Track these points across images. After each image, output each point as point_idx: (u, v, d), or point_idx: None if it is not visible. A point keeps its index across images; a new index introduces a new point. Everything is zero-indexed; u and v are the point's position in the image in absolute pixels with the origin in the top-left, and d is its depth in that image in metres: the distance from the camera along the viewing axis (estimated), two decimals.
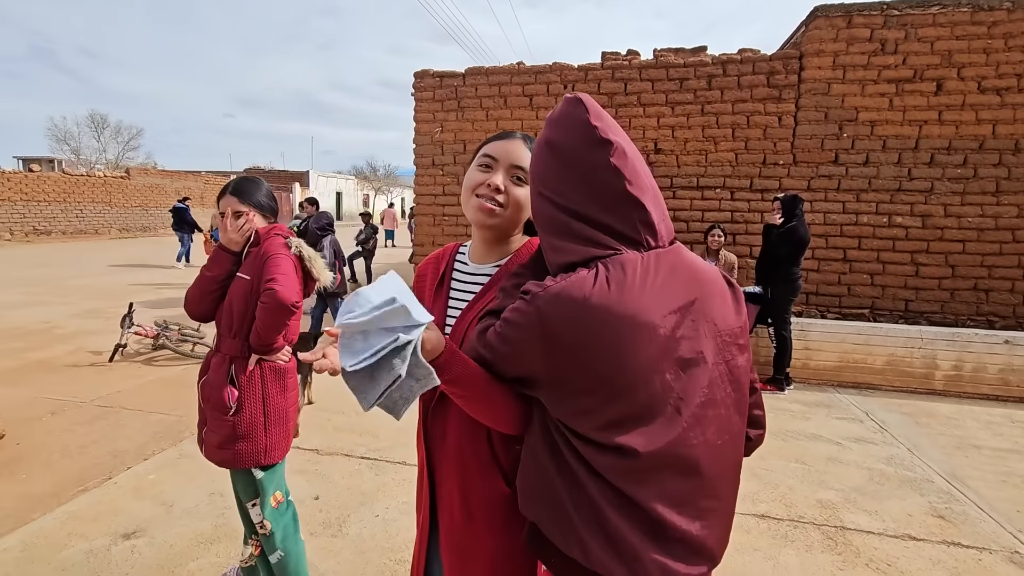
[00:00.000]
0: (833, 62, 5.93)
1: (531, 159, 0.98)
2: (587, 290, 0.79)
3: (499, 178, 1.03)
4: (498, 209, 1.03)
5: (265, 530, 1.87)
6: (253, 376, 1.85)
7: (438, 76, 7.20)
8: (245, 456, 1.81)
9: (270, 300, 1.75)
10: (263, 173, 34.76)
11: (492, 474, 1.02)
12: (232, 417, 1.81)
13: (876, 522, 2.73)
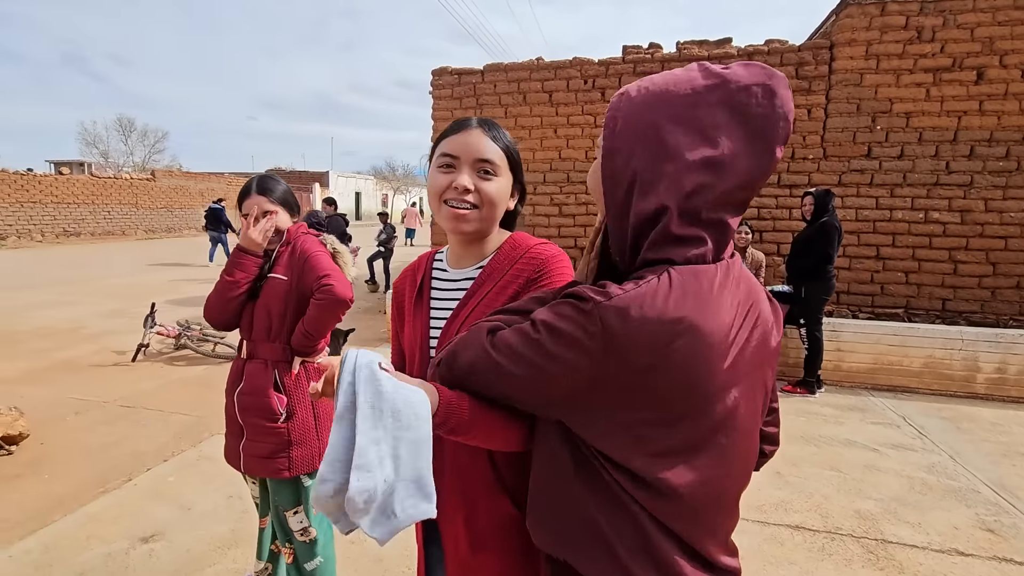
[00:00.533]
0: (866, 52, 5.70)
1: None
2: (663, 302, 0.64)
3: (465, 178, 0.95)
4: (472, 212, 0.96)
5: (309, 536, 1.80)
6: (299, 379, 1.78)
7: (456, 73, 7.14)
8: (300, 463, 1.74)
9: (327, 296, 1.70)
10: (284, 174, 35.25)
11: (498, 497, 0.93)
12: (284, 424, 1.73)
13: (920, 535, 2.57)
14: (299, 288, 1.76)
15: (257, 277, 1.78)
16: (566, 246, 6.96)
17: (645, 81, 0.72)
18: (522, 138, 6.96)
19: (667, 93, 0.70)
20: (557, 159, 6.87)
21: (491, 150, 0.98)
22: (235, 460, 1.81)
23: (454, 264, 1.07)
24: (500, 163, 1.00)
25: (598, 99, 6.58)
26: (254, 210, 1.75)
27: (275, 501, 1.81)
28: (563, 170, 6.87)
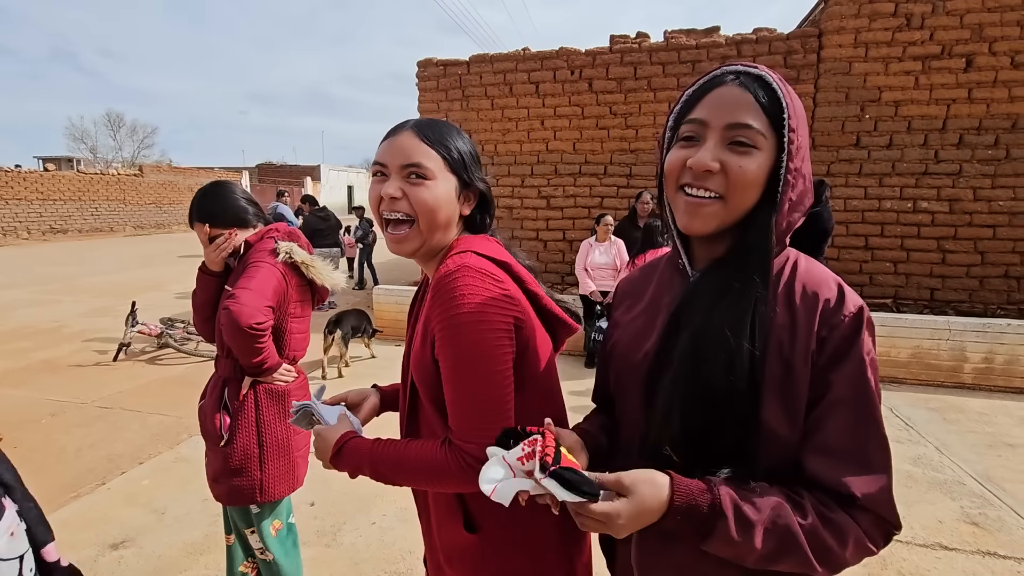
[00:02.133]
0: (855, 39, 5.65)
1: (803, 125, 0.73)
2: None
3: (391, 186, 0.87)
4: (409, 230, 0.89)
5: (267, 557, 1.73)
6: (246, 401, 1.62)
7: (442, 65, 7.03)
8: (239, 494, 1.61)
9: (224, 320, 1.48)
10: (275, 168, 34.95)
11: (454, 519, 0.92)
12: (223, 448, 1.60)
13: (904, 530, 2.53)
14: None
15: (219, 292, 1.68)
16: (554, 238, 6.91)
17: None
18: (509, 130, 6.87)
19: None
20: (544, 151, 6.80)
21: (420, 152, 0.87)
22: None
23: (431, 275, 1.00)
24: (433, 165, 0.88)
25: (585, 90, 6.50)
26: (203, 238, 1.64)
27: (232, 518, 1.76)
28: (551, 162, 6.80)
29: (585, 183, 6.69)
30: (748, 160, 0.69)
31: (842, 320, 0.68)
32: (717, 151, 0.70)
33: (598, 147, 6.58)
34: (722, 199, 0.71)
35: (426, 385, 0.89)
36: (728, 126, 0.70)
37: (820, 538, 0.65)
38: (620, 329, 0.89)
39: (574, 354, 5.51)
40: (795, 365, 0.68)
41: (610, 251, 5.16)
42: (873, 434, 0.68)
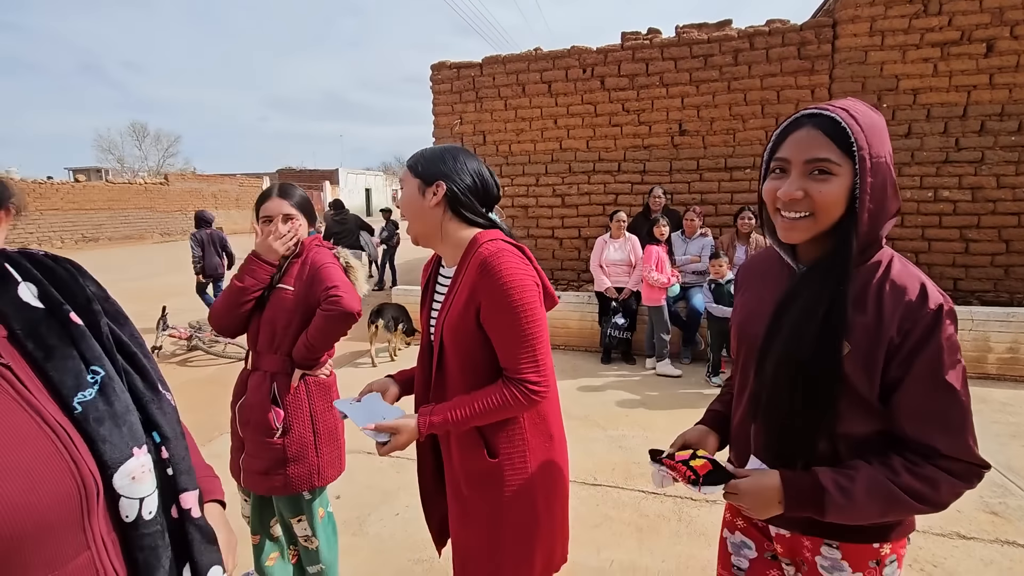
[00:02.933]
0: (870, 28, 5.58)
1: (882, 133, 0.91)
2: None
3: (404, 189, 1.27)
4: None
5: (312, 545, 1.82)
6: (299, 393, 1.73)
7: (455, 67, 7.13)
8: (297, 480, 1.71)
9: (335, 308, 1.65)
10: (295, 173, 35.54)
11: (478, 448, 1.21)
12: (280, 440, 1.69)
13: (921, 519, 2.54)
14: (306, 300, 1.71)
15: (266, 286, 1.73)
16: (570, 236, 6.96)
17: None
18: (522, 130, 6.94)
19: None
20: (558, 149, 6.85)
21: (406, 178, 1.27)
22: (236, 473, 1.80)
23: (446, 263, 1.31)
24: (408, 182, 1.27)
25: (597, 87, 6.53)
26: (277, 214, 1.70)
27: (278, 506, 1.82)
28: (564, 160, 6.85)
29: (599, 180, 6.73)
30: (826, 185, 0.88)
31: (923, 315, 0.86)
32: (800, 182, 0.90)
33: (611, 144, 6.61)
34: (812, 215, 0.90)
35: (460, 343, 1.18)
36: (807, 161, 0.89)
37: (914, 488, 0.86)
38: (738, 311, 1.13)
39: (591, 351, 5.57)
40: (875, 347, 0.88)
41: (624, 247, 5.20)
42: (951, 402, 0.87)
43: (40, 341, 0.69)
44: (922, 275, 0.91)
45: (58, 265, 0.79)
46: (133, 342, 0.79)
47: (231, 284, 1.72)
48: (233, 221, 26.61)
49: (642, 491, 2.89)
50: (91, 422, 0.66)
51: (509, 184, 7.05)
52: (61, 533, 0.61)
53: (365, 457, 3.30)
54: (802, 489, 0.90)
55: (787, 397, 0.93)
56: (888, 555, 0.98)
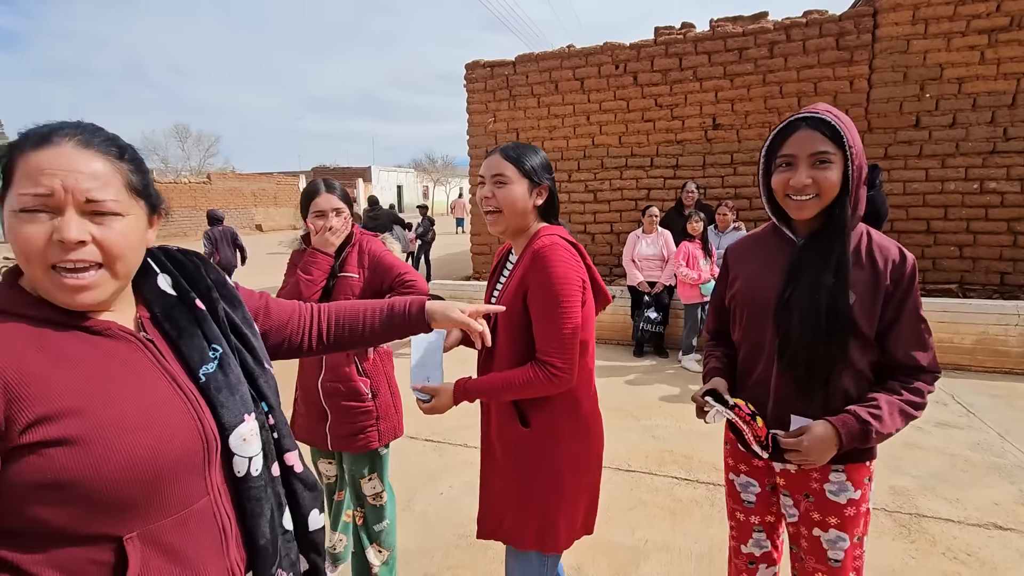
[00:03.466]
0: (913, 16, 5.46)
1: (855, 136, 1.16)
2: None
3: (486, 189, 1.35)
4: (494, 215, 1.36)
5: (382, 500, 2.02)
6: (376, 363, 1.97)
7: (488, 66, 7.26)
8: (386, 434, 1.95)
9: (415, 291, 1.86)
10: (328, 171, 36.37)
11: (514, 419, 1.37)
12: (372, 402, 1.92)
13: (956, 510, 2.58)
14: (371, 284, 1.90)
15: (328, 276, 1.88)
16: (602, 231, 7.03)
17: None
18: (555, 127, 7.03)
19: None
20: (591, 146, 6.92)
21: (505, 165, 1.36)
22: (316, 439, 1.98)
23: (515, 251, 1.47)
24: (510, 173, 1.36)
25: (630, 83, 6.57)
26: (330, 209, 1.84)
27: (351, 471, 2.01)
28: (596, 156, 6.91)
29: (631, 176, 6.77)
30: (828, 172, 1.15)
31: (906, 270, 1.17)
32: (807, 172, 1.15)
33: (644, 139, 6.64)
34: (818, 196, 1.16)
35: (510, 322, 1.33)
36: (811, 155, 1.15)
37: (913, 400, 1.18)
38: (742, 281, 1.34)
39: (623, 344, 5.64)
40: (875, 297, 1.17)
41: (657, 242, 5.25)
42: (925, 330, 1.20)
43: (174, 323, 0.85)
44: (895, 241, 1.22)
45: (187, 258, 0.96)
46: (244, 324, 0.95)
47: (297, 278, 1.84)
48: (272, 219, 27.45)
49: (675, 477, 2.98)
50: (212, 390, 0.82)
51: None
52: (189, 479, 0.77)
53: (408, 440, 3.48)
54: (852, 428, 1.14)
55: (812, 340, 1.17)
56: (872, 472, 1.27)
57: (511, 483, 1.40)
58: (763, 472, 1.37)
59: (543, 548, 1.38)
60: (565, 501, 1.38)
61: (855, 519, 1.25)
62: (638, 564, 2.27)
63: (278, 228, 26.96)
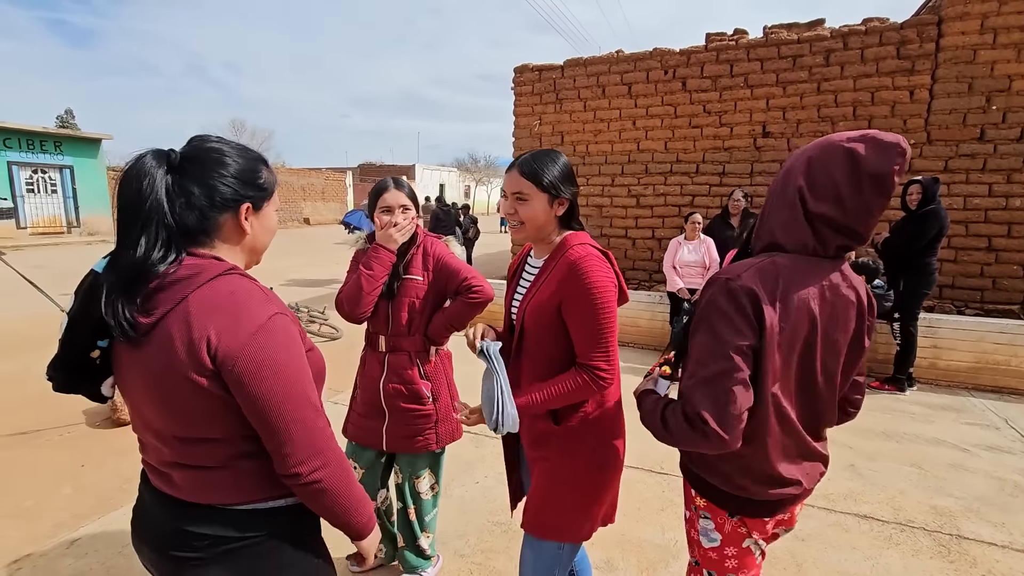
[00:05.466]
0: (981, 25, 5.25)
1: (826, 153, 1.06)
2: None
3: (507, 204, 1.42)
4: (517, 227, 1.42)
5: (432, 493, 2.11)
6: (437, 365, 1.99)
7: (537, 70, 7.37)
8: (444, 437, 1.99)
9: (481, 296, 1.91)
10: (374, 168, 37.29)
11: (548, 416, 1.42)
12: (432, 405, 1.95)
13: (1001, 534, 2.51)
14: (436, 287, 1.92)
15: (391, 277, 1.88)
16: (643, 236, 7.03)
17: None
18: (600, 131, 7.07)
19: None
20: (635, 151, 6.93)
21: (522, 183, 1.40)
22: (372, 439, 2.00)
23: (536, 255, 1.51)
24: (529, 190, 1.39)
25: (678, 89, 6.55)
26: (397, 206, 1.85)
27: (408, 472, 2.07)
28: (641, 161, 6.91)
29: (676, 182, 6.74)
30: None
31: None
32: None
33: (690, 146, 6.60)
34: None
35: (541, 327, 1.38)
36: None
37: (653, 411, 1.20)
38: None
39: (659, 350, 5.64)
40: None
41: (699, 249, 5.23)
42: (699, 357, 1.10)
43: None
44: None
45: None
46: None
47: (360, 273, 1.83)
48: (319, 213, 28.37)
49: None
50: None
51: (584, 184, 7.21)
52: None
53: None
54: (643, 390, 1.28)
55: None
56: (703, 507, 1.26)
57: (541, 481, 1.45)
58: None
59: (562, 538, 1.44)
60: (588, 496, 1.43)
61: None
62: (667, 562, 2.32)
63: (324, 222, 27.83)
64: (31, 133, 15.74)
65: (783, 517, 1.24)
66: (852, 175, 1.01)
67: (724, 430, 1.01)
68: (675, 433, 1.09)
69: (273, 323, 0.92)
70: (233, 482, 0.95)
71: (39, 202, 16.20)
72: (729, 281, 1.05)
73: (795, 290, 1.05)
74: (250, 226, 1.01)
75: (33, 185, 16.07)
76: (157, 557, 0.98)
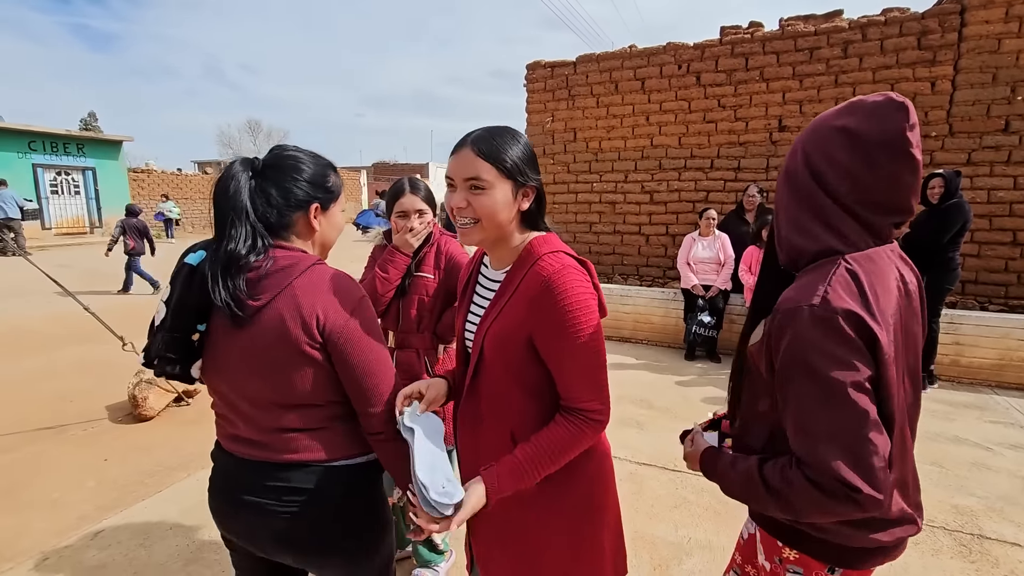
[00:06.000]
0: (1006, 14, 5.12)
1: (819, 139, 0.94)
2: None
3: (457, 197, 1.03)
4: (471, 225, 1.04)
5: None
6: (445, 364, 1.97)
7: (549, 66, 7.34)
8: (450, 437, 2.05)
9: None
10: (388, 166, 37.51)
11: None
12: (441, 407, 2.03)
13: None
14: (446, 285, 1.91)
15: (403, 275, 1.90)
16: (657, 232, 6.98)
17: None
18: (613, 127, 7.03)
19: None
20: (649, 146, 6.88)
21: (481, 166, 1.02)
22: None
23: (492, 264, 1.16)
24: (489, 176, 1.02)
25: (692, 83, 6.48)
26: (412, 209, 1.85)
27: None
28: (655, 157, 6.86)
29: (690, 177, 6.68)
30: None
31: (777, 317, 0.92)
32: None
33: (704, 141, 6.53)
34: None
35: (507, 362, 1.06)
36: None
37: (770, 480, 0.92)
38: None
39: (674, 347, 5.60)
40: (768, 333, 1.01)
41: (713, 245, 5.19)
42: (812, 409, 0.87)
43: None
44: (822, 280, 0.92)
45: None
46: None
47: (375, 275, 1.88)
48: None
49: None
50: None
51: (598, 180, 7.18)
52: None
53: None
54: (709, 455, 1.08)
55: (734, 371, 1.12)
56: (792, 561, 1.01)
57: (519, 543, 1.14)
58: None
59: None
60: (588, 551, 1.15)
61: None
62: (680, 560, 2.31)
63: None
64: (55, 136, 16.12)
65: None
66: (857, 153, 0.89)
67: (878, 489, 0.80)
68: (797, 503, 0.86)
69: (364, 303, 1.13)
70: (324, 441, 1.12)
71: (63, 203, 16.60)
72: (815, 308, 0.84)
73: (883, 293, 0.88)
74: (319, 224, 1.16)
75: (57, 187, 16.46)
76: (250, 515, 1.12)
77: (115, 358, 4.25)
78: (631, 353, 5.46)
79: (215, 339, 1.10)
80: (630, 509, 2.61)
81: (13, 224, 12.38)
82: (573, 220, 7.44)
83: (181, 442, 3.45)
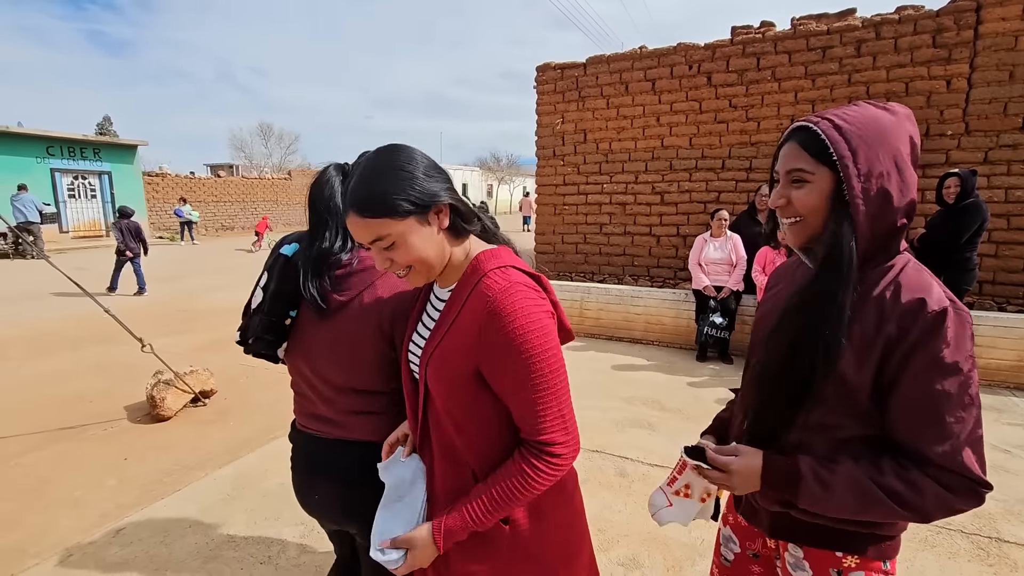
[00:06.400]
0: (1023, 11, 5.05)
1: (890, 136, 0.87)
2: None
3: (379, 259, 0.95)
4: (406, 274, 0.97)
5: None
6: None
7: (559, 68, 7.36)
8: None
9: None
10: None
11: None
12: None
13: None
14: None
15: None
16: (668, 233, 6.96)
17: None
18: (624, 128, 7.03)
19: None
20: (659, 147, 6.87)
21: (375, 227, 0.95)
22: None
23: (440, 283, 1.06)
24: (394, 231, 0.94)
25: (703, 84, 6.47)
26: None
27: None
28: (665, 158, 6.85)
29: (701, 178, 6.66)
30: (801, 191, 0.92)
31: (925, 315, 0.83)
32: (783, 190, 0.95)
33: (716, 141, 6.51)
34: (802, 220, 0.94)
35: (453, 393, 0.97)
36: (787, 172, 0.94)
37: (895, 490, 0.84)
38: (760, 308, 1.16)
39: (685, 348, 5.58)
40: (875, 338, 0.87)
41: (725, 246, 5.16)
42: (947, 408, 0.83)
43: None
44: (934, 280, 0.89)
45: None
46: None
47: None
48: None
49: None
50: None
51: (608, 181, 7.18)
52: None
53: None
54: (780, 470, 0.92)
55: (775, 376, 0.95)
56: (853, 568, 0.97)
57: None
58: (745, 532, 1.17)
59: None
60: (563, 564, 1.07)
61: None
62: (693, 561, 2.32)
63: None
64: (72, 141, 16.40)
65: None
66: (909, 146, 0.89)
67: (989, 486, 0.85)
68: (928, 506, 0.85)
69: None
70: (383, 424, 1.21)
71: (80, 207, 16.88)
72: (959, 310, 0.84)
73: None
74: None
75: (74, 191, 16.75)
76: (326, 487, 1.24)
77: (133, 359, 4.32)
78: (642, 354, 5.45)
79: (303, 325, 1.22)
80: (643, 511, 2.61)
81: (32, 228, 12.63)
82: (584, 222, 7.44)
83: (198, 442, 3.50)
